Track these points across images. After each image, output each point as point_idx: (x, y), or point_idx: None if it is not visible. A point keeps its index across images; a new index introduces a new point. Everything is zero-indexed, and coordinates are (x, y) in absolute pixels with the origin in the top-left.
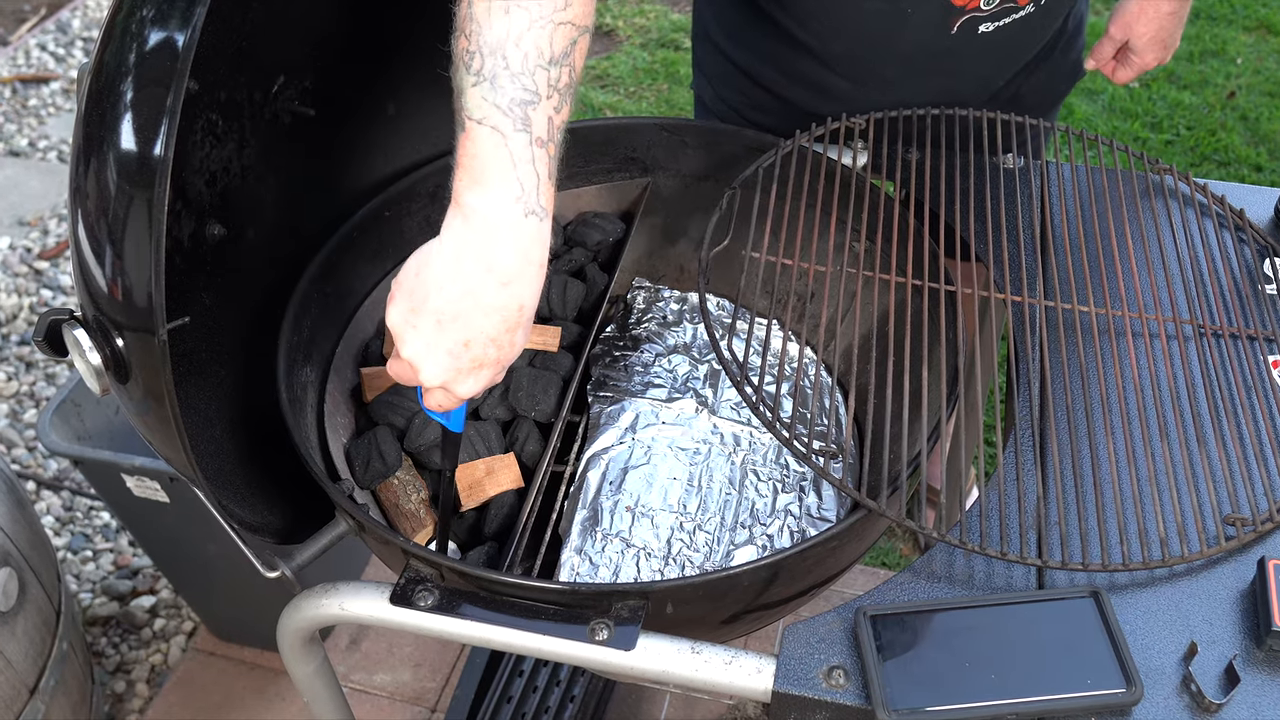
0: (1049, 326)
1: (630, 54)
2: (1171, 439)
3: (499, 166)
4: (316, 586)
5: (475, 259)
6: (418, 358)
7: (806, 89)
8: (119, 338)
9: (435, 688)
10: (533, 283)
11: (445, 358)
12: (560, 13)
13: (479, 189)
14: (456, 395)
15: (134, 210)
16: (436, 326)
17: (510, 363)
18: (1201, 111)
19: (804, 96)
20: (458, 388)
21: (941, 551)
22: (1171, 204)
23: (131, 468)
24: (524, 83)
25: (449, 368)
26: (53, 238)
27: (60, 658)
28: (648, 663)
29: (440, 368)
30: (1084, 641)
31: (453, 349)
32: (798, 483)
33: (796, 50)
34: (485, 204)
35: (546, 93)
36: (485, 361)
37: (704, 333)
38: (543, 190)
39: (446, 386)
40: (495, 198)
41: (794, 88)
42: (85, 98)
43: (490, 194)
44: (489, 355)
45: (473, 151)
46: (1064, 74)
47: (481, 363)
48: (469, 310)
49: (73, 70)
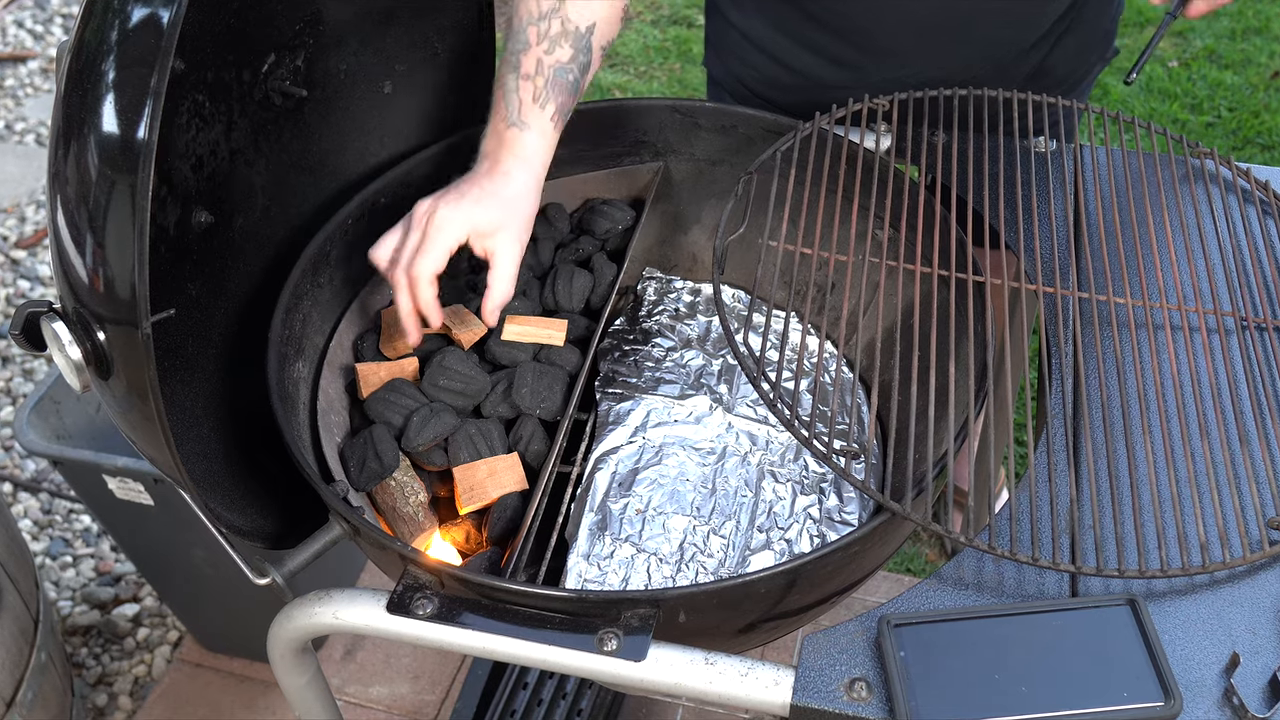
0: (1083, 319)
1: (640, 31)
2: (1212, 438)
3: (499, 97)
4: (309, 594)
5: (480, 157)
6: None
7: (819, 59)
8: (100, 331)
9: (435, 701)
10: (509, 160)
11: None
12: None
13: (492, 115)
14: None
15: (116, 196)
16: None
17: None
18: (1244, 92)
19: (817, 68)
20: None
21: (969, 557)
22: (1212, 190)
23: (114, 469)
24: (521, 38)
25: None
26: (30, 225)
27: (38, 669)
28: (659, 674)
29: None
30: (1120, 652)
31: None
32: (817, 484)
33: (808, 21)
34: (492, 122)
35: (536, 40)
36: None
37: (718, 326)
38: (525, 109)
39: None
40: (497, 117)
41: (806, 57)
42: (65, 78)
43: (495, 115)
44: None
45: (496, 90)
46: (1095, 43)
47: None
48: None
49: (51, 49)
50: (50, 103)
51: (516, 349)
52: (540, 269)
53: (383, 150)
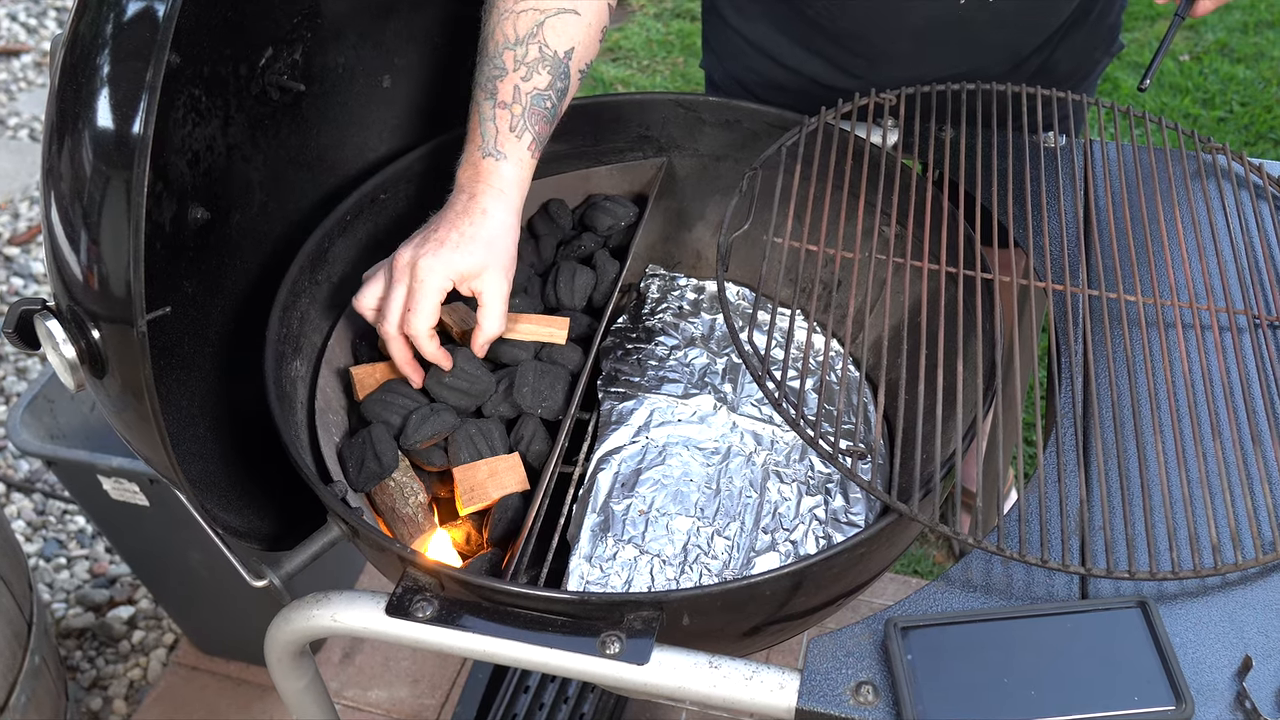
0: (1093, 317)
1: (643, 24)
2: (1224, 438)
3: (474, 125)
4: (307, 596)
5: (456, 189)
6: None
7: (821, 63)
8: (95, 329)
9: (434, 705)
10: (485, 195)
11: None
12: (520, 2)
13: (468, 144)
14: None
15: (111, 192)
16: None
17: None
18: (1257, 86)
19: (818, 71)
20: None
21: (977, 559)
22: (1224, 186)
23: (108, 469)
24: (496, 63)
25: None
26: (24, 222)
27: (32, 672)
28: (662, 678)
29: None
30: (1130, 655)
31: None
32: (823, 485)
33: (808, 26)
34: (467, 150)
35: (513, 67)
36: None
37: (723, 324)
38: (501, 138)
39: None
40: (472, 146)
41: (808, 60)
42: (59, 72)
43: (470, 143)
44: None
45: (471, 117)
46: (1100, 40)
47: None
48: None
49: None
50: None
51: (518, 347)
52: (542, 266)
53: (382, 145)
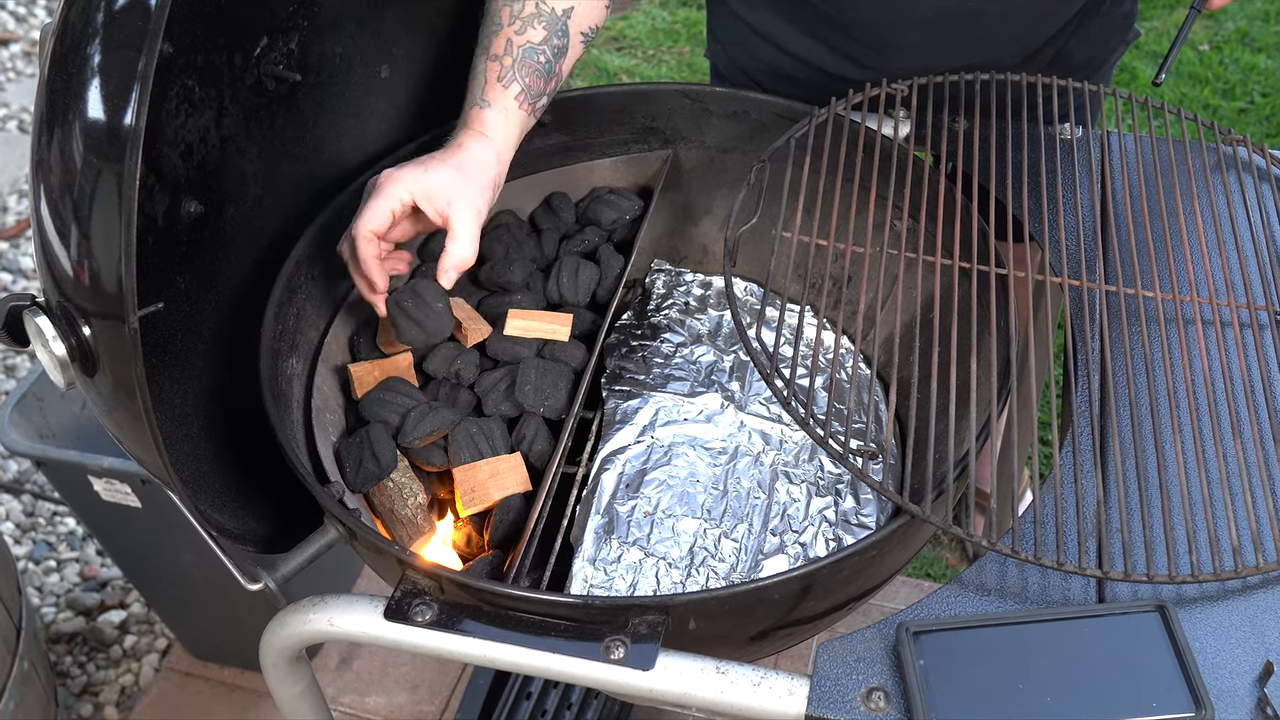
0: (1110, 313)
1: (649, 13)
2: (1245, 437)
3: (470, 82)
4: (303, 600)
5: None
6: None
7: (829, 53)
8: (86, 326)
9: (434, 712)
10: (465, 135)
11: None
12: None
13: (464, 103)
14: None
15: (102, 185)
16: None
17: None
18: (1278, 77)
19: (827, 61)
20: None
21: (992, 561)
22: (1245, 178)
23: (99, 469)
24: (494, 21)
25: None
26: (13, 216)
27: (21, 678)
28: (668, 684)
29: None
30: (1149, 660)
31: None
32: (833, 485)
33: (816, 15)
34: (462, 109)
35: (508, 21)
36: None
37: (730, 320)
38: (489, 88)
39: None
40: (465, 103)
41: (816, 50)
42: (49, 62)
43: (465, 102)
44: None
45: (469, 79)
46: (1115, 28)
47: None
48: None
49: (35, 31)
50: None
51: (519, 344)
52: (544, 261)
53: (380, 137)
